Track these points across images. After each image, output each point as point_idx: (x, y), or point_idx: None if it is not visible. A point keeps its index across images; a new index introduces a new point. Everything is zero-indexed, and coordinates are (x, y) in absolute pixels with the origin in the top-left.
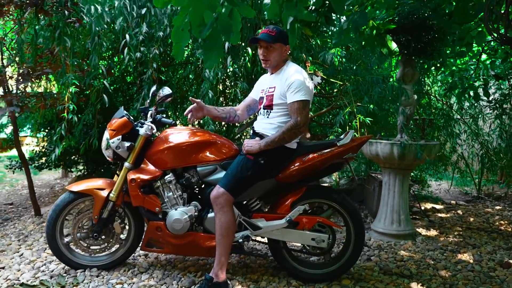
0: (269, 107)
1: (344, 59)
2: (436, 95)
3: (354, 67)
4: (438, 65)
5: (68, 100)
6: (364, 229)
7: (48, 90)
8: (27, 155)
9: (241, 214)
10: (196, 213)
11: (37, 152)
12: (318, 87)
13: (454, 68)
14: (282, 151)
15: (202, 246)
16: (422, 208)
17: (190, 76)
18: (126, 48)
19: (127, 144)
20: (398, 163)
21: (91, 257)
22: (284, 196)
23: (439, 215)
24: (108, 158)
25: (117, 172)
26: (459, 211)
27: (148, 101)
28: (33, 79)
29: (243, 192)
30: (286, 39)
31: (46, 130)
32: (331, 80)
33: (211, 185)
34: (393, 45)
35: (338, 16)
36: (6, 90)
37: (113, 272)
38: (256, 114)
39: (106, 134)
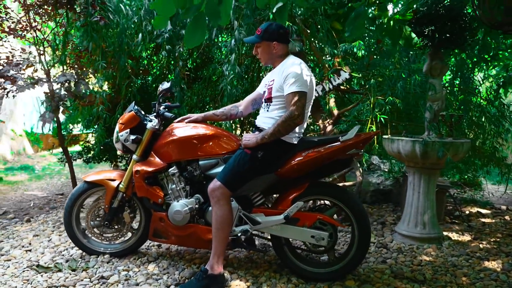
0: (269, 100)
1: (372, 53)
2: (487, 92)
3: (385, 60)
4: (489, 58)
5: (100, 102)
6: (370, 229)
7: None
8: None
9: (242, 208)
10: (197, 206)
11: (84, 147)
12: (346, 83)
13: (508, 61)
14: (280, 146)
15: (203, 238)
16: (467, 212)
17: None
18: (140, 46)
19: (132, 137)
20: (422, 162)
21: (104, 244)
22: (286, 192)
23: (483, 220)
24: (118, 151)
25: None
26: (507, 217)
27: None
28: (68, 78)
29: (240, 186)
30: (272, 36)
31: (95, 127)
32: (353, 74)
33: (213, 178)
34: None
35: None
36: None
37: (124, 259)
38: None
39: (117, 128)
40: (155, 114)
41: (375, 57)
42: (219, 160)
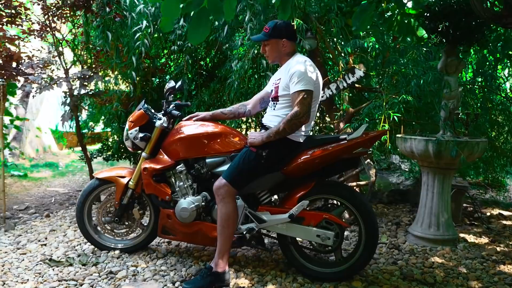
0: (275, 98)
1: (386, 50)
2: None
3: (401, 57)
4: None
5: (115, 100)
6: (377, 229)
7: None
8: None
9: (248, 206)
10: (203, 203)
11: (103, 145)
12: (363, 81)
13: None
14: (286, 144)
15: (209, 235)
16: (488, 214)
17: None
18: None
19: (141, 134)
20: (436, 162)
21: (115, 239)
22: (293, 190)
23: (504, 222)
24: (128, 148)
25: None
26: None
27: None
28: (85, 79)
29: (245, 184)
30: (281, 33)
31: (114, 125)
32: (367, 73)
33: (220, 176)
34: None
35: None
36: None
37: (133, 255)
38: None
39: (126, 126)
40: (163, 112)
41: (392, 54)
42: (226, 158)
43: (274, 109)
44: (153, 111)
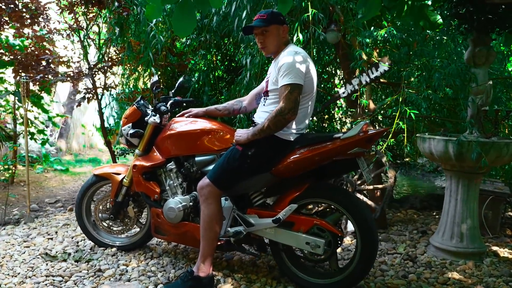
0: (266, 93)
1: (414, 41)
2: None
3: (430, 48)
4: None
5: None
6: (375, 238)
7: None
8: None
9: (237, 208)
10: (191, 203)
11: None
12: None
13: None
14: (274, 143)
15: (197, 237)
16: None
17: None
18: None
19: (131, 131)
20: (458, 165)
21: (112, 237)
22: (284, 192)
23: None
24: (124, 145)
25: None
26: None
27: (173, 91)
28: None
29: (230, 185)
30: (281, 20)
31: None
32: (392, 67)
33: None
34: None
35: None
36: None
37: (128, 254)
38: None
39: (121, 122)
40: (152, 108)
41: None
42: (216, 156)
43: (264, 104)
44: (150, 107)
